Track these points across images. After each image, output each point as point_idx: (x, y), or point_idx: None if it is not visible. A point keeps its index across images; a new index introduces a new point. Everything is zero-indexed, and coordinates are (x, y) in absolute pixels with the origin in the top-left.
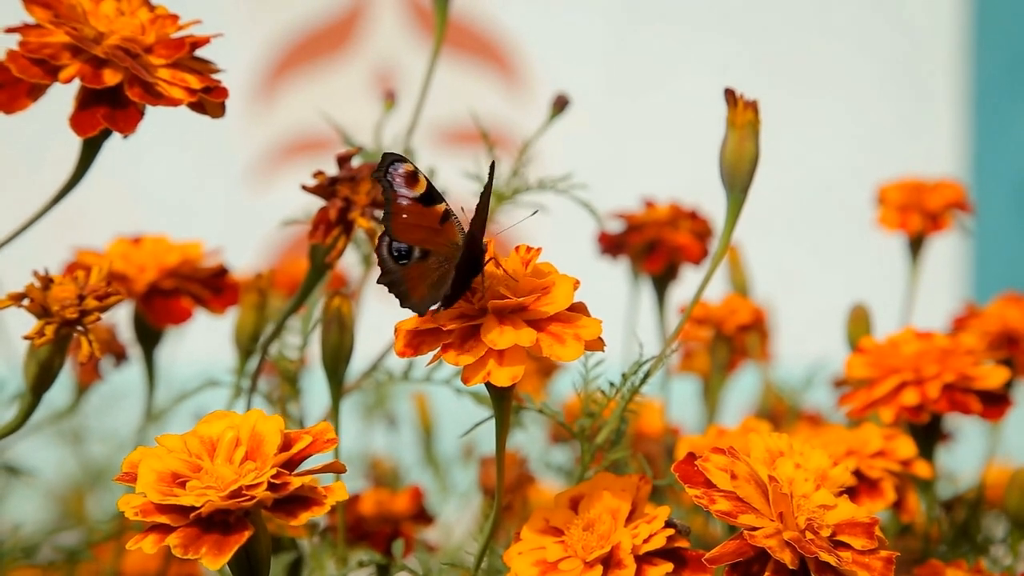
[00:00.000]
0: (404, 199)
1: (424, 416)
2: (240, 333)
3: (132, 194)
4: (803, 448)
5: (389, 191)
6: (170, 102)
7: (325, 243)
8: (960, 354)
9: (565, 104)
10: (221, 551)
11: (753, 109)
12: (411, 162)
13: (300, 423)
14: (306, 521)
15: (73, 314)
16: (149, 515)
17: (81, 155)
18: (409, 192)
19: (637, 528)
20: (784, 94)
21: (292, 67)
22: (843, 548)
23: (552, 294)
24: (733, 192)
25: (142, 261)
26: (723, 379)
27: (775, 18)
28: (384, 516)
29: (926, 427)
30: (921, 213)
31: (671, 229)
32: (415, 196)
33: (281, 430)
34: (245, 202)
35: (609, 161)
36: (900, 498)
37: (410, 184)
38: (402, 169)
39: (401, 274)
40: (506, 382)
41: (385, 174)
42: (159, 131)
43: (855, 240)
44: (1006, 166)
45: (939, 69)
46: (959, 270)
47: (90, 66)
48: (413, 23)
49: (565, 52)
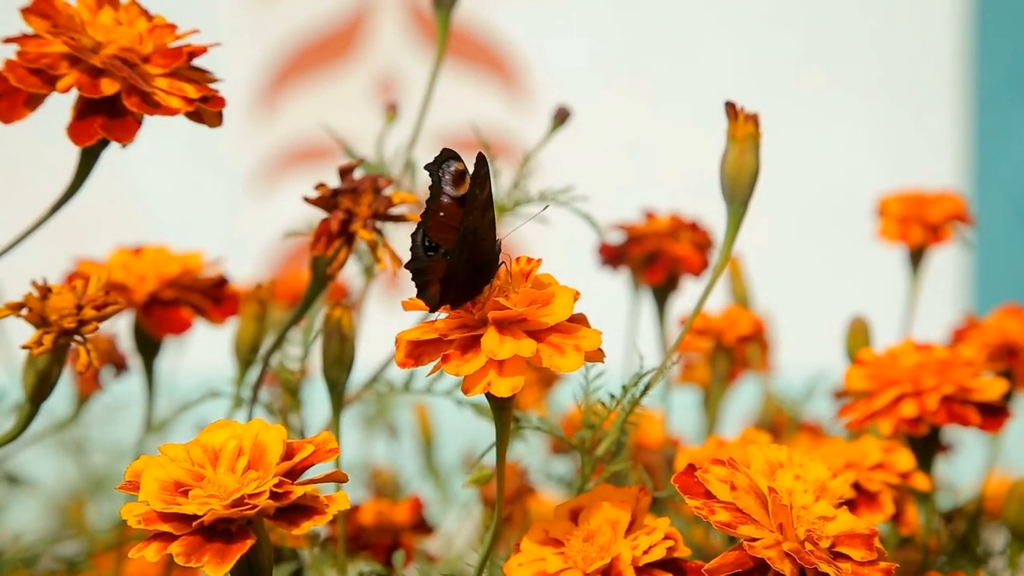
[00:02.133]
0: (447, 197)
1: (425, 426)
2: (240, 343)
3: (134, 203)
4: (802, 460)
5: (436, 187)
6: (167, 111)
7: (327, 255)
8: (959, 366)
9: (566, 116)
10: (223, 560)
11: (753, 122)
12: (463, 162)
13: (301, 434)
14: (308, 530)
15: (71, 324)
16: (152, 523)
17: (79, 164)
18: (453, 191)
19: (637, 539)
20: (784, 105)
21: (294, 76)
22: (842, 559)
23: (552, 305)
24: (733, 205)
25: (142, 271)
26: (724, 390)
27: (777, 30)
28: (384, 526)
29: (925, 439)
30: (921, 225)
31: (672, 240)
32: (458, 196)
33: (283, 440)
34: (247, 211)
35: (610, 171)
36: (899, 511)
37: (456, 184)
38: (454, 167)
39: (427, 264)
40: (506, 392)
41: (438, 168)
42: (162, 140)
43: (856, 251)
44: (1008, 177)
45: (940, 79)
46: (961, 281)
47: (87, 76)
48: (415, 32)
49: (567, 61)
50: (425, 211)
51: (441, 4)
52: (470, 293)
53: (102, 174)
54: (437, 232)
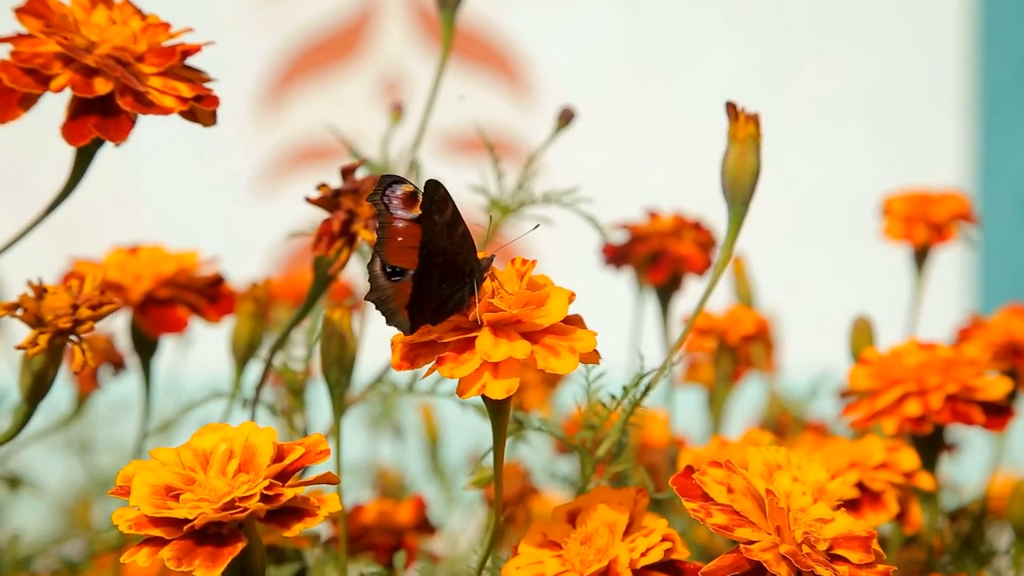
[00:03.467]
0: (401, 221)
1: (430, 426)
2: (236, 343)
3: (140, 203)
4: (801, 462)
5: (386, 213)
6: (161, 111)
7: (328, 255)
8: (963, 365)
9: (571, 118)
10: (215, 563)
11: (754, 122)
12: (411, 183)
13: (304, 435)
14: (299, 532)
15: (66, 323)
16: (143, 528)
17: (74, 164)
18: (406, 214)
19: (634, 542)
20: (789, 103)
21: (299, 75)
22: (840, 562)
23: (547, 306)
24: (734, 205)
25: (138, 270)
26: (728, 389)
27: (781, 29)
28: (387, 527)
29: (929, 438)
30: (926, 224)
31: (675, 240)
32: (412, 218)
33: (274, 442)
34: (252, 211)
35: (616, 169)
36: (903, 510)
37: (408, 205)
38: (400, 191)
39: (391, 291)
40: (501, 394)
41: (382, 196)
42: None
43: (861, 250)
44: (1014, 176)
45: (946, 78)
46: (966, 280)
47: (81, 75)
48: (421, 31)
49: (572, 60)
50: (378, 240)
51: (446, 5)
52: (455, 307)
53: (108, 174)
54: (398, 257)
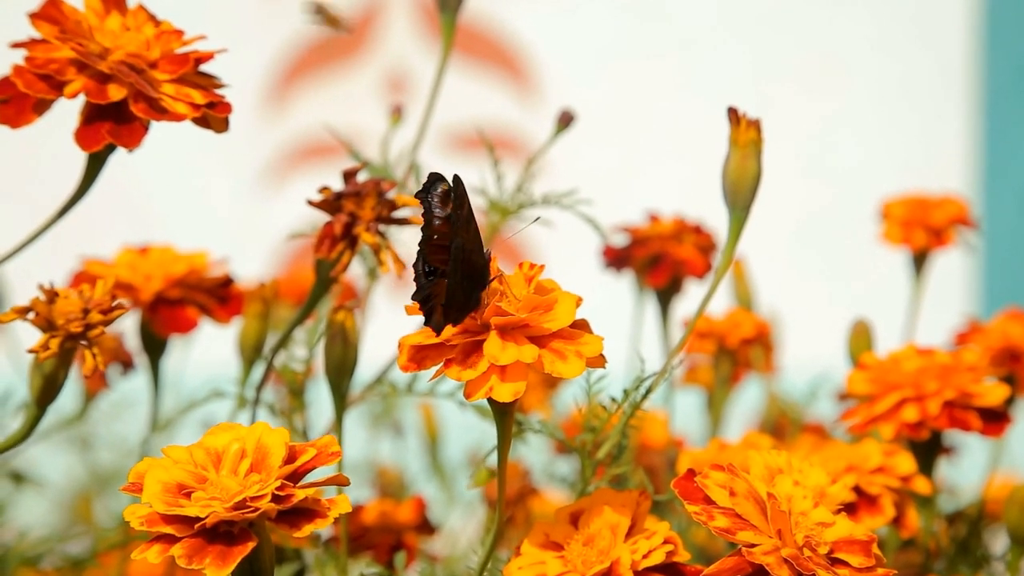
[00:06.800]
0: (438, 219)
1: (430, 425)
2: (244, 342)
3: (144, 201)
4: (802, 465)
5: (429, 212)
6: (174, 117)
7: (330, 257)
8: (961, 371)
9: (570, 120)
10: (225, 562)
11: (755, 128)
12: (447, 181)
13: (304, 435)
14: (309, 533)
15: (78, 328)
16: (154, 525)
17: (86, 169)
18: (442, 212)
19: (636, 543)
20: (793, 104)
21: (303, 73)
22: (841, 565)
23: (555, 311)
24: (735, 211)
25: (148, 271)
26: (727, 392)
27: (784, 31)
28: (387, 526)
29: (926, 443)
30: (925, 229)
31: (675, 243)
32: (445, 216)
33: (286, 443)
34: (256, 209)
35: (617, 170)
36: (900, 514)
37: (444, 204)
38: (440, 189)
39: (430, 290)
40: (508, 398)
41: (427, 194)
42: (172, 138)
43: (861, 253)
44: (1017, 178)
45: (949, 79)
46: (969, 283)
47: (95, 81)
48: (425, 29)
49: (575, 57)
50: (422, 239)
51: (446, 7)
52: (470, 307)
53: (112, 172)
54: (434, 255)
